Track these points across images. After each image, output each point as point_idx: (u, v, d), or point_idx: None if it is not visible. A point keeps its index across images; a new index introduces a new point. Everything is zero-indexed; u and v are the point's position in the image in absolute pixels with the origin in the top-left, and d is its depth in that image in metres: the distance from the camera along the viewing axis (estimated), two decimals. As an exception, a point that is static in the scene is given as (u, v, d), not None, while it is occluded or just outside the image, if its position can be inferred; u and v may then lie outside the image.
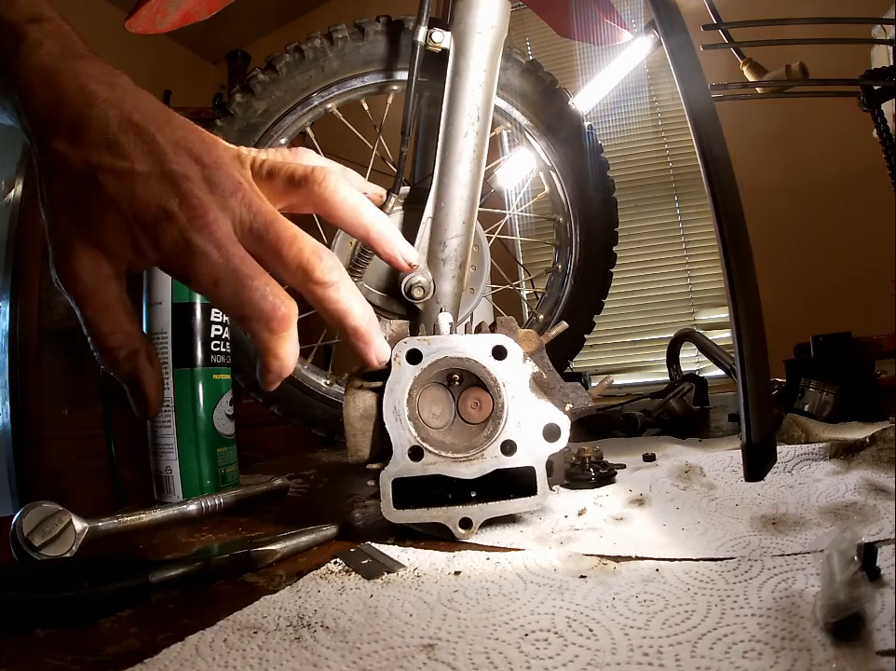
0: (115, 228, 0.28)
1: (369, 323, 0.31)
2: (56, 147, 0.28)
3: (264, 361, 0.30)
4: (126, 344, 0.30)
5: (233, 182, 0.29)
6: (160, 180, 0.28)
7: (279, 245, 0.29)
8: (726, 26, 1.05)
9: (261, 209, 0.29)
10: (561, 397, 0.43)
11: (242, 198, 0.29)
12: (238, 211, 0.29)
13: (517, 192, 1.09)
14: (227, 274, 0.28)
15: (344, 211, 0.32)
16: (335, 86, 0.87)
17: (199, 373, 0.59)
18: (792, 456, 0.47)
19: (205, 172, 0.29)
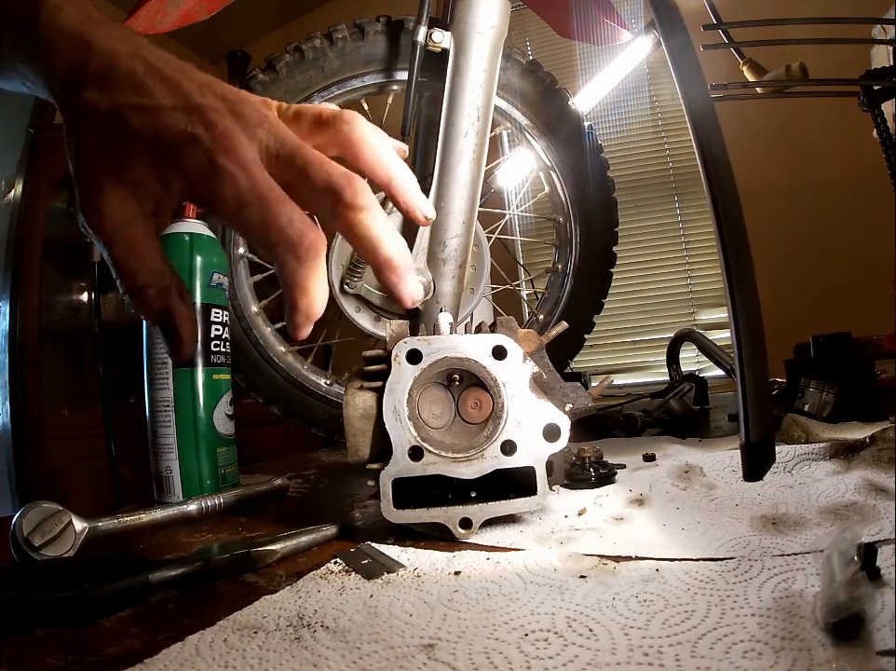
0: (141, 161, 0.28)
1: (402, 256, 0.30)
2: (86, 97, 0.28)
3: (291, 298, 0.28)
4: (156, 281, 0.29)
5: (259, 114, 0.29)
6: (186, 111, 0.28)
7: (307, 168, 0.29)
8: (726, 26, 1.05)
9: (286, 136, 0.29)
10: (561, 397, 0.43)
11: (268, 128, 0.29)
12: (265, 139, 0.29)
13: (517, 192, 1.10)
14: (253, 197, 0.27)
15: (370, 153, 0.32)
16: (335, 86, 0.87)
17: (199, 373, 0.59)
18: (792, 456, 0.47)
19: (230, 106, 0.29)
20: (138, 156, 0.28)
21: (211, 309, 0.60)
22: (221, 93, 0.29)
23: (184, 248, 0.60)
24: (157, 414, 0.58)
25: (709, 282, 2.48)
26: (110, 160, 0.28)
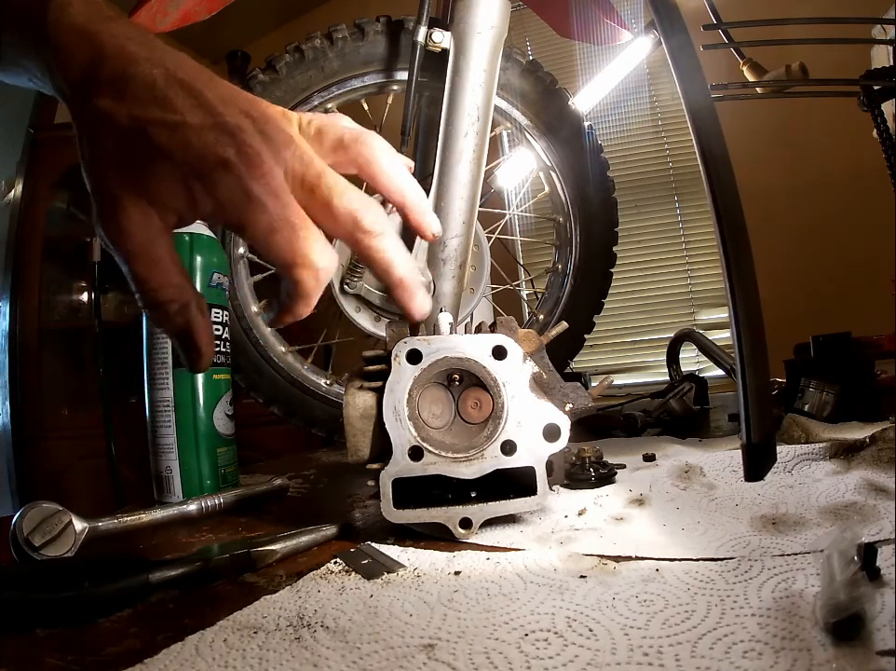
0: (168, 180, 0.28)
1: (413, 276, 0.32)
2: (99, 104, 0.28)
3: (291, 305, 0.30)
4: (177, 297, 0.29)
5: (285, 135, 0.30)
6: (215, 131, 0.28)
7: (332, 196, 0.30)
8: (726, 26, 1.05)
9: (312, 161, 0.30)
10: (561, 397, 0.43)
11: (294, 151, 0.29)
12: (291, 162, 0.29)
13: (517, 192, 1.10)
14: (282, 223, 0.28)
15: (386, 176, 0.33)
16: (335, 86, 0.87)
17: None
18: (792, 456, 0.47)
19: (257, 125, 0.29)
20: (164, 174, 0.28)
21: (211, 309, 0.60)
22: (245, 109, 0.29)
23: (184, 248, 0.60)
24: (157, 414, 0.58)
25: (709, 282, 2.48)
26: (131, 175, 0.28)
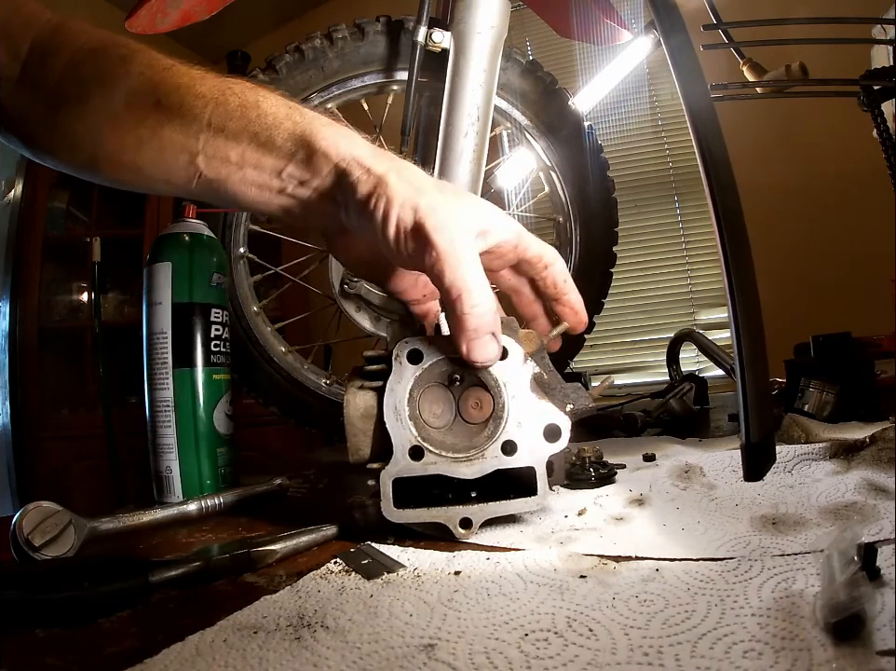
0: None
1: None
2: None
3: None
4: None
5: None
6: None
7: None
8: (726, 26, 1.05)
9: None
10: (561, 397, 0.43)
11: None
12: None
13: (517, 192, 1.10)
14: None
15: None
16: (335, 86, 0.87)
17: (199, 373, 0.59)
18: (792, 456, 0.47)
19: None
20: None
21: (211, 309, 0.60)
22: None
23: (184, 248, 0.60)
24: (157, 414, 0.58)
25: (709, 282, 2.48)
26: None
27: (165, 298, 0.58)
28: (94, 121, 0.42)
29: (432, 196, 0.38)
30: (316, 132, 0.40)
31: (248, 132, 0.40)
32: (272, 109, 0.41)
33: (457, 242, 0.37)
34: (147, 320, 0.59)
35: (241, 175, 0.41)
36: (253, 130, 0.40)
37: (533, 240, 0.43)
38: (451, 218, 0.38)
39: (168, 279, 0.59)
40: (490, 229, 0.40)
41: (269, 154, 0.40)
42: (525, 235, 0.42)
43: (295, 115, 0.41)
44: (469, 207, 0.40)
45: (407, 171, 0.40)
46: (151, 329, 0.59)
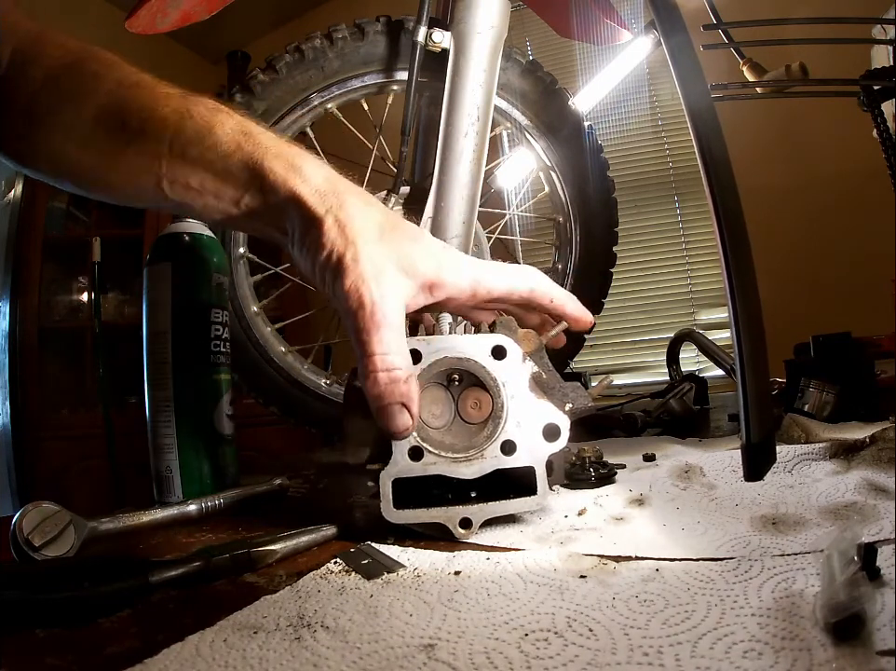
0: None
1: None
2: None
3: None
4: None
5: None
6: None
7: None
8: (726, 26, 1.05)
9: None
10: (560, 397, 0.43)
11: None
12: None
13: (517, 192, 1.10)
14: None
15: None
16: (335, 86, 0.87)
17: (199, 373, 0.59)
18: (792, 456, 0.47)
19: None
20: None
21: (211, 309, 0.60)
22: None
23: (184, 248, 0.60)
24: (157, 414, 0.58)
25: (709, 282, 2.48)
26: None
27: (165, 298, 0.58)
28: (65, 138, 0.42)
29: (369, 245, 0.37)
30: (265, 165, 0.39)
31: (204, 160, 0.40)
32: (226, 137, 0.40)
33: (378, 303, 0.35)
34: (147, 320, 0.59)
35: (204, 202, 0.41)
36: (209, 158, 0.40)
37: (495, 279, 0.41)
38: (381, 273, 0.36)
39: (168, 279, 0.59)
40: (440, 282, 0.39)
41: (226, 183, 0.40)
42: (484, 279, 0.40)
43: (248, 144, 0.40)
44: (418, 259, 0.38)
45: (352, 211, 0.38)
46: (151, 329, 0.59)
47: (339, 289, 0.36)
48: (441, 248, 0.41)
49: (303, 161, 0.40)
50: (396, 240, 0.39)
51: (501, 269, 0.42)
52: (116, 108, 0.41)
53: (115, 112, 0.41)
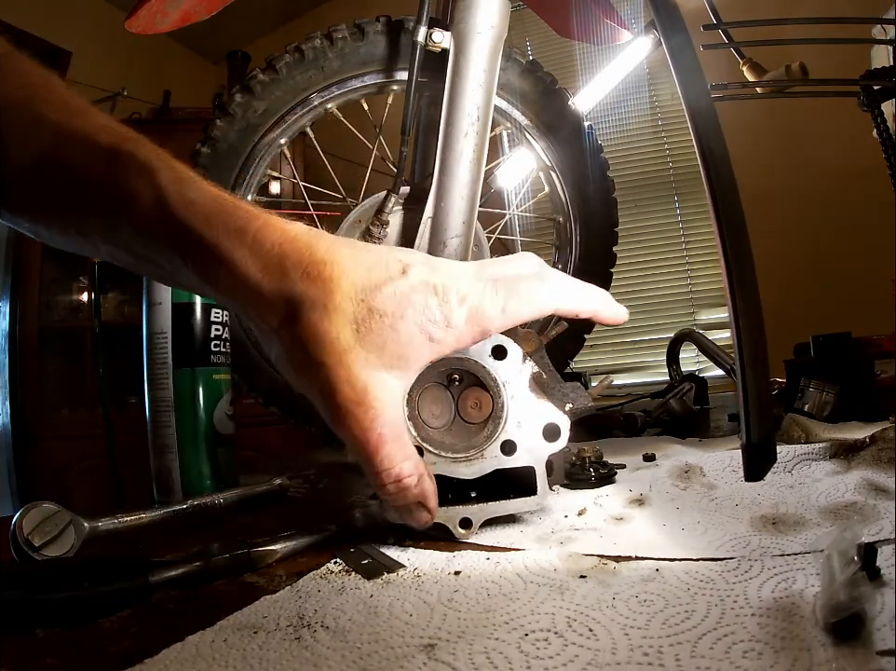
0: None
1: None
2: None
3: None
4: (416, 469, 0.34)
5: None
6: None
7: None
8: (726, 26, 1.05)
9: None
10: (560, 397, 0.43)
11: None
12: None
13: (517, 192, 1.10)
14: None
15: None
16: (335, 86, 0.87)
17: (199, 373, 0.59)
18: (792, 456, 0.47)
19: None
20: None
21: (211, 309, 0.60)
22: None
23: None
24: (157, 414, 0.58)
25: (709, 282, 2.48)
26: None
27: (165, 298, 0.58)
28: (5, 181, 0.36)
29: (344, 360, 0.31)
30: (204, 234, 0.34)
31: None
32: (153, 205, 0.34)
33: (371, 428, 0.32)
34: (147, 320, 0.59)
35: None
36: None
37: (520, 312, 0.35)
38: (365, 391, 0.32)
39: (168, 279, 0.59)
40: (458, 344, 0.34)
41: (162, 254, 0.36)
42: (510, 318, 0.34)
43: (181, 209, 0.33)
44: (411, 343, 0.32)
45: (312, 318, 0.32)
46: (151, 329, 0.59)
47: (325, 413, 0.33)
48: (456, 303, 0.33)
49: (248, 233, 0.33)
50: (373, 334, 0.32)
51: (525, 296, 0.35)
52: (55, 161, 0.36)
53: (55, 165, 0.36)
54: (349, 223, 0.85)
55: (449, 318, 0.33)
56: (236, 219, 0.33)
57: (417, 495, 0.34)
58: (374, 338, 0.32)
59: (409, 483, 0.33)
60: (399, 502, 0.35)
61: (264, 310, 0.33)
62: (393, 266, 0.34)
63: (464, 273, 0.35)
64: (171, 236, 0.33)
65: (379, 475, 0.33)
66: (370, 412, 0.32)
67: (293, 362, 0.33)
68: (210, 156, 0.85)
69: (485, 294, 0.34)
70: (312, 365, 0.32)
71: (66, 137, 0.35)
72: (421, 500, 0.35)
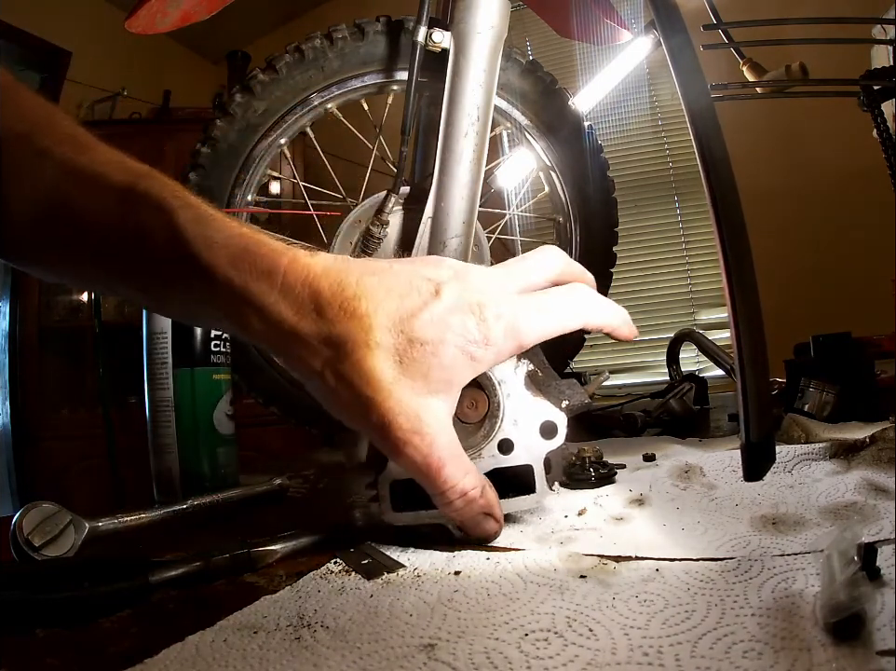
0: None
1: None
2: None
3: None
4: (478, 481, 0.35)
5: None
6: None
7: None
8: (726, 26, 1.05)
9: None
10: (557, 394, 0.43)
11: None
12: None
13: (517, 192, 1.10)
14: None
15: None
16: (335, 86, 0.87)
17: (199, 373, 0.59)
18: (792, 456, 0.47)
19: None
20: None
21: (211, 309, 0.60)
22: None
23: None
24: (157, 414, 0.58)
25: (709, 282, 2.48)
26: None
27: (165, 298, 0.58)
28: (8, 221, 0.34)
29: (393, 394, 0.32)
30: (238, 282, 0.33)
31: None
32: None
33: (429, 454, 0.32)
34: (147, 320, 0.59)
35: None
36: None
37: (548, 328, 0.36)
38: (419, 419, 0.32)
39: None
40: (495, 361, 0.35)
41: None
42: (543, 332, 0.36)
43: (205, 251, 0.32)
44: (454, 367, 0.33)
45: (354, 358, 0.32)
46: (151, 329, 0.59)
47: (382, 446, 0.33)
48: (477, 328, 0.33)
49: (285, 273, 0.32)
50: (417, 363, 0.32)
51: (556, 312, 0.36)
52: (61, 200, 0.34)
53: (59, 205, 0.34)
54: (349, 223, 0.85)
55: (488, 336, 0.33)
56: (262, 259, 0.32)
57: (483, 506, 0.35)
58: (418, 367, 0.32)
59: (474, 495, 0.34)
60: (466, 516, 0.35)
61: (304, 353, 0.32)
62: (425, 288, 0.33)
63: (495, 285, 0.35)
64: (195, 280, 0.32)
65: (445, 494, 0.33)
66: (426, 438, 0.32)
67: (341, 402, 0.33)
68: (210, 156, 0.85)
69: (519, 308, 0.35)
70: (362, 403, 0.32)
71: (74, 174, 0.33)
72: (487, 511, 0.35)
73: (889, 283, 1.16)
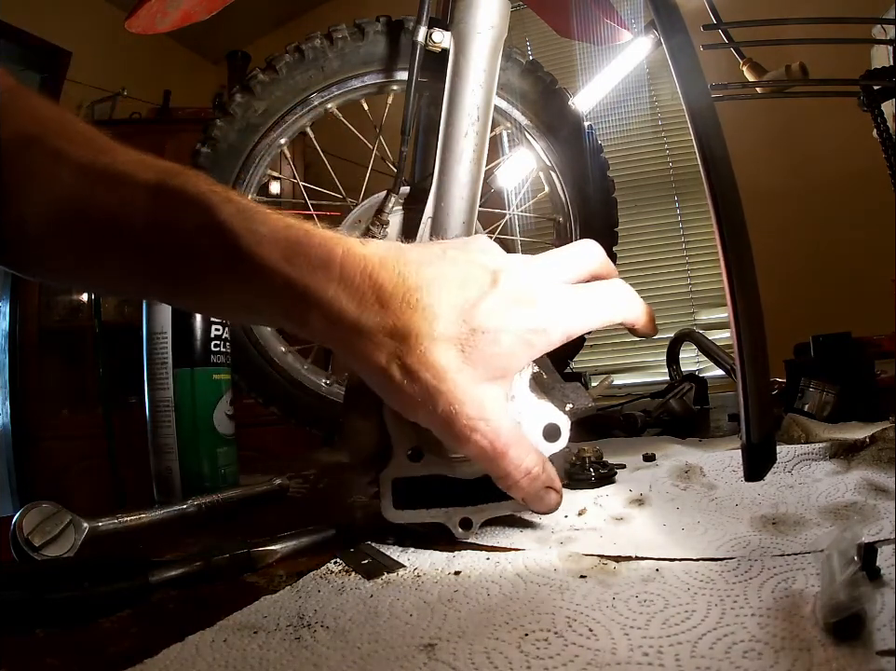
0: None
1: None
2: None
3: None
4: (539, 460, 0.35)
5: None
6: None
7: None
8: (726, 26, 1.05)
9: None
10: (561, 397, 0.43)
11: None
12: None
13: (517, 192, 1.10)
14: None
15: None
16: (335, 86, 0.87)
17: (199, 373, 0.59)
18: (792, 456, 0.47)
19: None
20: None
21: (211, 309, 0.61)
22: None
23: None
24: (157, 414, 0.58)
25: (709, 282, 2.48)
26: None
27: (165, 298, 0.58)
28: (22, 225, 0.33)
29: (458, 382, 0.32)
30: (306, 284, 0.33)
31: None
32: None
33: (494, 439, 0.32)
34: (147, 320, 0.59)
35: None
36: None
37: (585, 324, 0.36)
38: (482, 404, 0.32)
39: (168, 279, 0.59)
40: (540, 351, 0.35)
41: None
42: (580, 327, 0.36)
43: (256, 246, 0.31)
44: (509, 357, 0.33)
45: (421, 349, 0.32)
46: (151, 329, 0.59)
47: (447, 434, 0.33)
48: (526, 319, 0.34)
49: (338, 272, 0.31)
50: (479, 351, 0.32)
51: (602, 304, 0.36)
52: (81, 202, 0.33)
53: (79, 206, 0.33)
54: (349, 223, 0.85)
55: (542, 324, 0.34)
56: (316, 251, 0.31)
57: (545, 480, 0.35)
58: (480, 355, 0.32)
59: (537, 472, 0.35)
60: (531, 492, 0.35)
61: (368, 348, 0.32)
62: (483, 277, 0.34)
63: (546, 275, 0.36)
64: (246, 279, 0.32)
65: (510, 475, 0.34)
66: (491, 424, 0.33)
67: (406, 394, 0.32)
68: (210, 156, 0.85)
69: (569, 299, 0.35)
70: (429, 394, 0.32)
71: (96, 174, 0.32)
72: (549, 485, 0.36)
73: (889, 283, 1.16)
